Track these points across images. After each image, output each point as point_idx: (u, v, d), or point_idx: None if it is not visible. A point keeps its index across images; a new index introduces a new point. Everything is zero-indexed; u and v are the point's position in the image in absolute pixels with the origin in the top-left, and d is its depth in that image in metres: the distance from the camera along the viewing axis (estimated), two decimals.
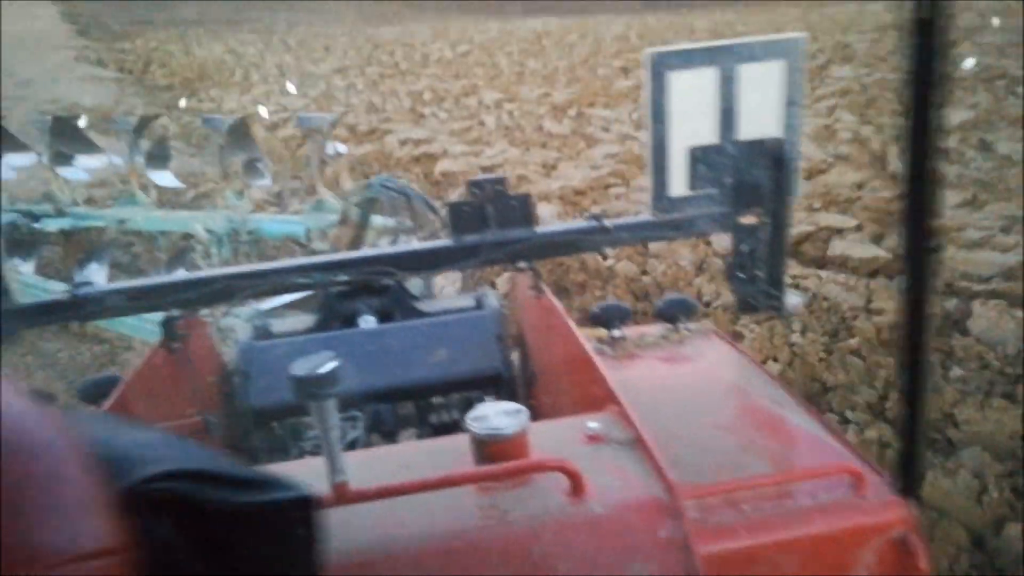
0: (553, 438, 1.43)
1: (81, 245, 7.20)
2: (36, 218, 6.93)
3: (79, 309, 2.00)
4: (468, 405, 2.35)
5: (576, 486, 1.23)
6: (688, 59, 1.91)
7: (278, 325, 2.57)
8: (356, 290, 2.51)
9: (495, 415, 1.31)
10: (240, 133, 6.46)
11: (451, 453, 1.36)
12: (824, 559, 1.24)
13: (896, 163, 8.22)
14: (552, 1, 37.55)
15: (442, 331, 2.34)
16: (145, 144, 7.59)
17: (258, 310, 3.05)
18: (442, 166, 10.53)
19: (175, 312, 2.13)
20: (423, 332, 2.34)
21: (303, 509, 0.71)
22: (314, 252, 5.32)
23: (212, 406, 2.25)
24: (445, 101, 15.88)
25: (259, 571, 0.72)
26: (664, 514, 1.20)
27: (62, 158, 7.18)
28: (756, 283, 2.08)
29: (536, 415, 2.07)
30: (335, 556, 1.16)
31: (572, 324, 1.97)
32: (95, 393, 1.93)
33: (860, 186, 8.33)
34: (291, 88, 17.46)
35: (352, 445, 2.11)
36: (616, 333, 2.09)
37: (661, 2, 36.20)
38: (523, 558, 1.15)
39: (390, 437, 2.29)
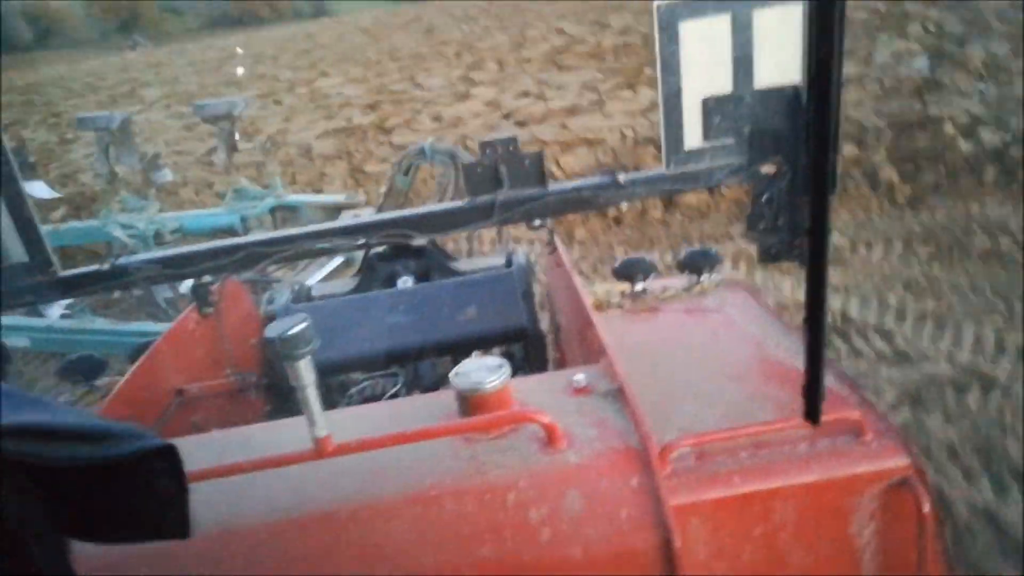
0: (541, 391, 1.46)
1: None
2: None
3: (118, 278, 2.13)
4: (510, 359, 2.44)
5: (552, 437, 1.27)
6: (699, 8, 1.87)
7: (319, 288, 2.69)
8: (395, 252, 2.60)
9: (477, 370, 1.35)
10: (127, 131, 6.05)
11: (441, 408, 1.41)
12: (820, 506, 1.24)
13: None
14: None
15: (471, 290, 2.40)
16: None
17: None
18: None
19: (207, 278, 2.23)
20: (453, 291, 2.40)
21: (165, 459, 0.68)
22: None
23: (252, 367, 2.36)
24: None
25: (122, 532, 0.71)
26: (637, 464, 1.22)
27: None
28: (777, 232, 2.04)
29: (558, 368, 2.11)
30: (319, 506, 1.24)
31: (575, 278, 2.00)
32: (82, 371, 2.05)
33: None
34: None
35: (394, 399, 2.20)
36: (639, 286, 2.11)
37: None
38: (497, 505, 1.19)
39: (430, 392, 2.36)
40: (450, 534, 1.19)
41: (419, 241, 2.53)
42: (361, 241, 2.23)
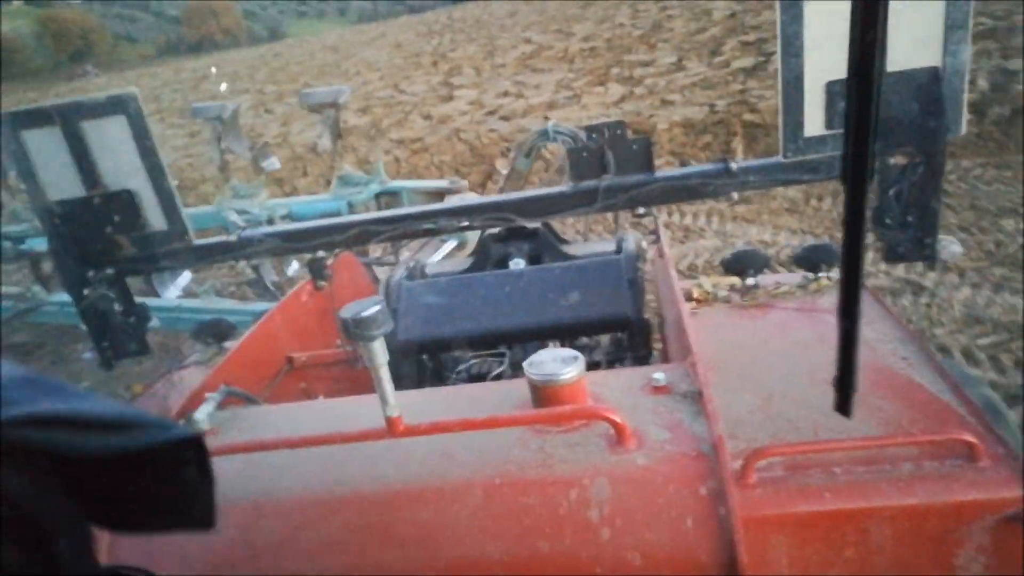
0: (618, 387, 1.44)
1: None
2: (19, 240, 6.61)
3: (243, 248, 2.26)
4: (618, 347, 2.47)
5: (621, 436, 1.24)
6: None
7: (433, 267, 2.74)
8: (508, 234, 2.61)
9: (551, 361, 1.33)
10: (236, 121, 6.19)
11: (516, 396, 1.41)
12: (922, 533, 1.14)
13: None
14: None
15: (579, 274, 2.37)
16: None
17: None
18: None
19: (321, 253, 2.31)
20: (561, 275, 2.38)
21: (192, 449, 0.66)
22: None
23: None
24: None
25: (149, 521, 0.70)
26: (707, 472, 1.17)
27: None
28: (907, 229, 1.92)
29: (662, 359, 2.07)
30: (384, 484, 1.27)
31: (672, 269, 1.97)
32: (212, 334, 2.17)
33: None
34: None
35: (498, 379, 2.26)
36: (750, 281, 2.03)
37: None
38: (559, 500, 1.18)
39: None
40: (510, 524, 1.19)
41: (533, 224, 2.52)
42: (464, 223, 2.24)
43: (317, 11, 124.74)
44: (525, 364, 1.36)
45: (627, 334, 2.35)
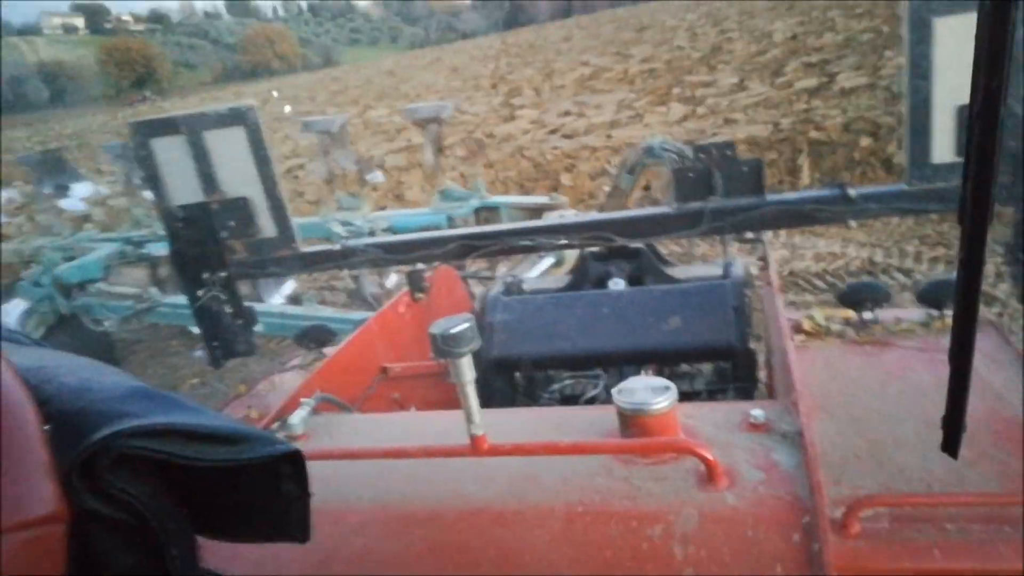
0: (712, 421, 1.37)
1: None
2: (139, 244, 6.87)
3: (346, 257, 2.35)
4: (720, 377, 2.36)
5: (711, 473, 1.18)
6: (957, 2, 1.65)
7: (531, 283, 2.69)
8: (609, 253, 2.54)
9: (642, 390, 1.29)
10: (345, 134, 6.33)
11: (604, 423, 1.37)
12: None
13: None
14: None
15: (681, 298, 2.28)
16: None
17: None
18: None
19: (420, 265, 2.40)
20: (662, 298, 2.30)
21: (291, 464, 0.68)
22: None
23: None
24: None
25: (246, 531, 0.72)
26: (802, 518, 1.10)
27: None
28: None
29: (768, 393, 2.00)
30: (465, 502, 1.26)
31: (779, 299, 1.87)
32: (313, 339, 2.21)
33: None
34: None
35: (591, 401, 2.20)
36: (867, 315, 1.87)
37: None
38: (642, 534, 1.14)
39: None
40: (591, 553, 1.15)
41: (635, 243, 2.47)
42: (563, 241, 2.24)
43: (370, 38, 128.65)
44: (614, 391, 1.32)
45: (730, 364, 2.23)
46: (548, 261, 4.23)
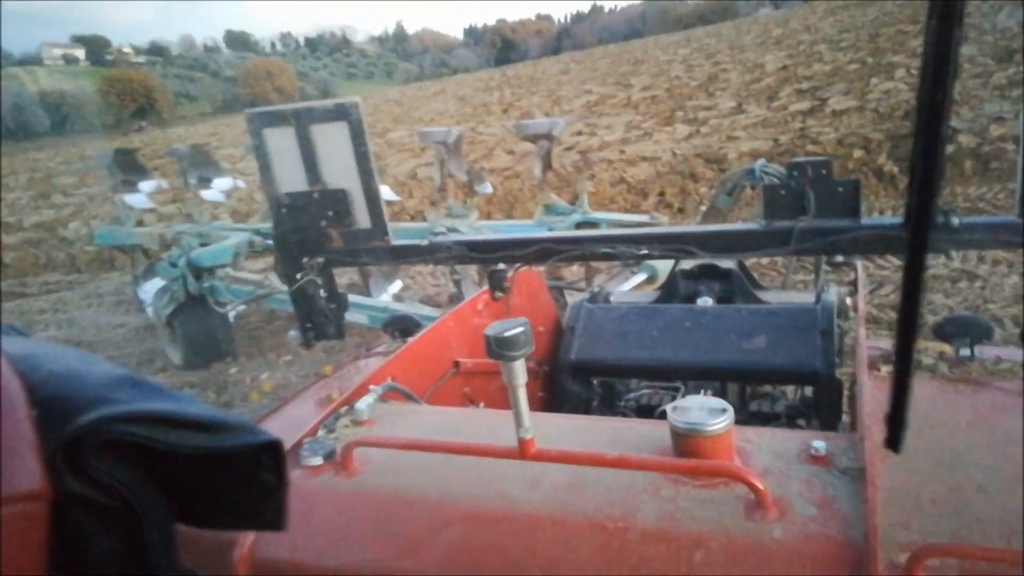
0: (770, 448, 1.32)
1: None
2: (267, 235, 7.47)
3: (433, 252, 2.40)
4: (803, 403, 2.31)
5: (761, 503, 1.13)
6: None
7: (619, 295, 2.73)
8: (700, 272, 2.54)
9: (698, 410, 1.26)
10: (460, 146, 6.47)
11: (657, 439, 1.34)
12: None
13: None
14: None
15: (765, 319, 2.22)
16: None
17: None
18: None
19: (501, 265, 2.41)
20: (748, 317, 2.25)
21: (271, 454, 0.67)
22: None
23: (537, 353, 2.43)
24: None
25: (223, 518, 0.72)
26: (852, 561, 1.04)
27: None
28: None
29: (850, 424, 1.90)
30: (506, 503, 1.26)
31: (862, 328, 1.79)
32: (398, 328, 2.26)
33: None
34: None
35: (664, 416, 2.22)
36: (964, 351, 1.73)
37: None
38: (682, 558, 1.09)
39: None
40: (627, 571, 1.11)
41: (727, 263, 2.46)
42: (644, 251, 2.22)
43: (366, 73, 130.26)
44: (668, 408, 1.29)
45: (812, 390, 2.16)
46: (640, 277, 4.25)
